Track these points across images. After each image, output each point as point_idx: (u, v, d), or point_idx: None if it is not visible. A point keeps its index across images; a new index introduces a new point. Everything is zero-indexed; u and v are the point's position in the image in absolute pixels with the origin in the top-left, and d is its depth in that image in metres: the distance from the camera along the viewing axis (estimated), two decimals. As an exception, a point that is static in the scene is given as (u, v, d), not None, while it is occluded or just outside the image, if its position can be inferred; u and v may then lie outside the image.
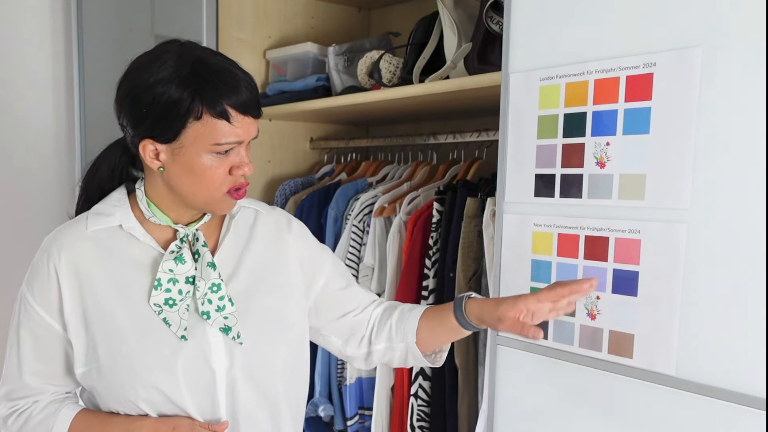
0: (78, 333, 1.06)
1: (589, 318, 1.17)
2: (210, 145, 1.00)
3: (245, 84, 1.02)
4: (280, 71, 2.10)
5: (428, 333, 1.18)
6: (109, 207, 1.10)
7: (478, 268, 1.60)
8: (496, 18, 1.40)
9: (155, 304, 1.05)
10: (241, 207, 1.18)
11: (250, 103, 1.02)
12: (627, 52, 1.09)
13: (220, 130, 1.00)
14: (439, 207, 1.65)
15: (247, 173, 1.05)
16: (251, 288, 1.13)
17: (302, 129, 2.27)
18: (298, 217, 1.96)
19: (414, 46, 1.68)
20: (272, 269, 1.17)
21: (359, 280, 1.82)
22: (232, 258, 1.13)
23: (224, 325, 1.07)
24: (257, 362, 1.10)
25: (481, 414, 1.45)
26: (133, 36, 2.25)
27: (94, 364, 1.06)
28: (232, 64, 1.03)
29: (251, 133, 1.05)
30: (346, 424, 1.86)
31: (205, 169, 1.02)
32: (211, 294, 1.07)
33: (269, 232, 1.19)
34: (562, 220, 1.20)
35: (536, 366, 1.26)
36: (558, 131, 1.19)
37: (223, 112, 0.99)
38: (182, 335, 1.05)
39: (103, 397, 1.08)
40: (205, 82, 0.98)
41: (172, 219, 1.10)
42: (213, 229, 1.15)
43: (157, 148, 1.03)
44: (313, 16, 2.23)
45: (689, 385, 1.05)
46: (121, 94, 1.04)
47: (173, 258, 1.07)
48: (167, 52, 1.01)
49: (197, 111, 0.98)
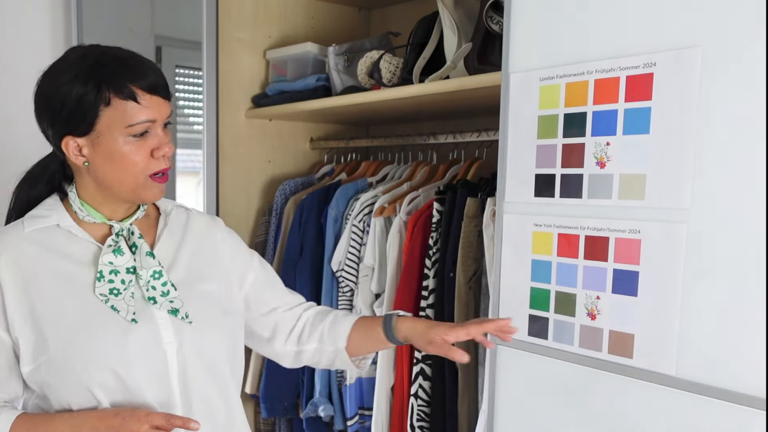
0: (23, 330, 1.07)
1: (589, 318, 1.17)
2: (124, 128, 1.05)
3: (149, 66, 1.08)
4: (280, 71, 2.10)
5: (357, 340, 1.27)
6: (44, 211, 1.14)
7: (478, 268, 1.60)
8: (496, 18, 1.40)
9: (101, 294, 1.08)
10: (175, 206, 1.26)
11: (157, 83, 1.07)
12: (627, 52, 1.10)
13: (130, 111, 1.05)
14: (439, 207, 1.65)
15: (168, 153, 1.10)
16: (190, 276, 1.18)
17: (302, 129, 2.27)
18: (298, 217, 1.99)
19: (414, 46, 1.68)
20: (208, 261, 1.23)
21: (359, 279, 1.82)
22: (169, 251, 1.19)
23: (171, 307, 1.12)
24: (206, 341, 1.14)
25: (481, 414, 1.45)
26: (133, 36, 2.25)
27: (43, 356, 1.06)
28: (135, 53, 1.10)
29: (163, 112, 1.09)
30: (346, 424, 1.86)
31: (125, 153, 1.07)
32: (154, 281, 1.12)
33: (201, 229, 1.26)
34: (562, 220, 1.20)
35: (536, 366, 1.26)
36: (558, 131, 1.19)
37: (130, 94, 1.04)
38: (132, 318, 1.08)
39: (56, 390, 1.07)
40: (108, 68, 1.04)
41: (106, 216, 1.14)
42: (149, 227, 1.20)
43: (78, 143, 1.07)
44: (313, 16, 2.23)
45: (689, 385, 1.05)
46: (36, 101, 1.10)
47: (111, 251, 1.11)
48: (72, 53, 1.09)
49: (105, 97, 1.04)
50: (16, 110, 2.31)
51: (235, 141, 2.09)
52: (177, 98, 2.42)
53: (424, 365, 1.64)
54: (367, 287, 1.80)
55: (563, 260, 1.20)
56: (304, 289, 1.93)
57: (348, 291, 1.86)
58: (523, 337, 1.27)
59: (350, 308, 1.86)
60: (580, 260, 1.18)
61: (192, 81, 2.43)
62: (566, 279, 1.20)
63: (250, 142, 2.13)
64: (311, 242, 1.95)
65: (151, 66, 1.08)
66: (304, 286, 1.94)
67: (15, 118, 2.29)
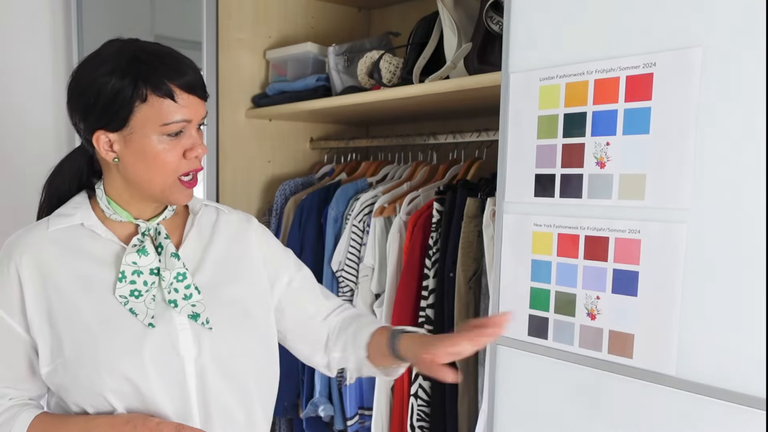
0: (42, 331, 1.06)
1: (589, 318, 1.17)
2: (159, 126, 1.02)
3: (188, 64, 1.05)
4: (280, 71, 2.10)
5: (375, 351, 1.19)
6: (70, 209, 1.12)
7: (478, 268, 1.60)
8: (496, 18, 1.40)
9: (121, 295, 1.06)
10: (203, 205, 1.21)
11: (195, 82, 1.05)
12: (627, 52, 1.09)
13: (166, 110, 1.02)
14: (439, 207, 1.65)
15: (201, 154, 1.07)
16: (216, 279, 1.14)
17: (302, 129, 2.27)
18: (298, 217, 1.98)
19: (414, 46, 1.68)
20: (236, 263, 1.19)
21: (359, 280, 1.82)
22: (196, 252, 1.15)
23: (192, 312, 1.08)
24: (226, 350, 1.10)
25: (481, 414, 1.45)
26: (133, 36, 2.25)
27: (59, 359, 1.05)
28: (174, 50, 1.07)
29: (199, 112, 1.07)
30: (346, 424, 1.86)
31: (158, 152, 1.04)
32: (177, 283, 1.09)
33: (232, 230, 1.22)
34: (562, 220, 1.20)
35: (536, 366, 1.26)
36: (558, 131, 1.19)
37: (167, 92, 1.02)
38: (149, 323, 1.05)
39: (71, 394, 1.06)
40: (146, 64, 1.01)
41: (132, 215, 1.11)
42: (176, 226, 1.17)
43: (109, 138, 1.05)
44: (313, 16, 2.23)
45: (689, 385, 1.05)
46: (69, 93, 1.07)
47: (136, 251, 1.08)
48: (108, 47, 1.05)
49: (142, 93, 1.01)
50: (16, 109, 2.31)
51: (235, 141, 2.09)
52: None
53: (424, 365, 1.64)
54: (367, 287, 1.80)
55: (563, 260, 1.20)
56: (304, 289, 1.93)
57: (348, 291, 1.86)
58: (523, 337, 1.27)
59: (350, 308, 1.86)
60: (580, 260, 1.18)
61: (192, 81, 2.43)
62: (566, 279, 1.20)
63: (250, 142, 2.13)
64: (311, 242, 1.95)
65: (190, 64, 1.06)
66: (304, 286, 1.94)
67: (15, 118, 2.29)
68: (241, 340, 1.13)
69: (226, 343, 1.10)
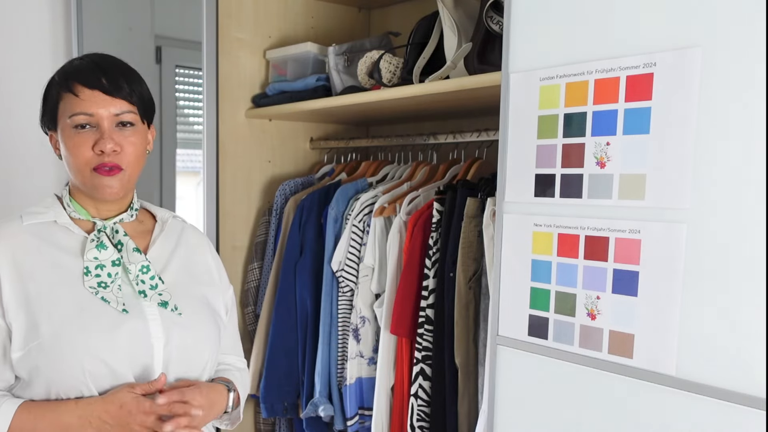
0: (18, 316, 1.10)
1: (589, 318, 1.17)
2: (67, 119, 1.14)
3: (103, 68, 1.15)
4: (280, 71, 2.10)
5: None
6: (42, 208, 1.21)
7: (478, 268, 1.60)
8: (496, 18, 1.40)
9: (90, 287, 1.13)
10: (172, 216, 1.33)
11: (101, 80, 1.14)
12: (627, 52, 1.09)
13: (70, 104, 1.14)
14: (439, 207, 1.64)
15: (108, 149, 1.13)
16: (181, 279, 1.25)
17: (302, 129, 2.27)
18: (298, 217, 1.99)
19: (414, 46, 1.68)
20: (200, 269, 1.31)
21: (359, 280, 1.82)
22: (163, 255, 1.25)
23: (161, 300, 1.17)
24: (191, 338, 1.19)
25: (481, 414, 1.45)
26: (133, 36, 2.25)
27: (34, 342, 1.08)
28: (112, 64, 1.18)
29: (104, 107, 1.13)
30: (346, 424, 1.86)
31: (71, 145, 1.14)
32: (142, 275, 1.18)
33: (194, 242, 1.34)
34: (562, 220, 1.20)
35: (536, 366, 1.26)
36: (558, 131, 1.19)
37: (70, 87, 1.14)
38: (123, 309, 1.13)
39: (44, 375, 1.09)
40: (69, 71, 1.16)
41: (90, 214, 1.20)
42: (145, 232, 1.27)
43: (55, 137, 1.20)
44: (313, 16, 2.23)
45: (689, 385, 1.05)
46: None
47: (94, 246, 1.17)
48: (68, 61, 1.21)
49: (58, 94, 1.16)
50: (16, 108, 2.31)
51: (235, 141, 2.09)
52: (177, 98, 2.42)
53: (424, 365, 1.64)
54: (367, 287, 1.80)
55: (563, 260, 1.21)
56: (304, 289, 1.93)
57: (348, 291, 1.86)
58: (523, 337, 1.28)
59: (350, 308, 1.85)
60: (580, 260, 1.18)
61: (192, 81, 2.43)
62: (566, 279, 1.20)
63: (250, 142, 2.13)
64: (311, 242, 1.95)
65: (106, 68, 1.15)
66: (304, 286, 1.94)
67: (14, 117, 2.29)
68: (206, 326, 1.22)
69: (192, 331, 1.19)
